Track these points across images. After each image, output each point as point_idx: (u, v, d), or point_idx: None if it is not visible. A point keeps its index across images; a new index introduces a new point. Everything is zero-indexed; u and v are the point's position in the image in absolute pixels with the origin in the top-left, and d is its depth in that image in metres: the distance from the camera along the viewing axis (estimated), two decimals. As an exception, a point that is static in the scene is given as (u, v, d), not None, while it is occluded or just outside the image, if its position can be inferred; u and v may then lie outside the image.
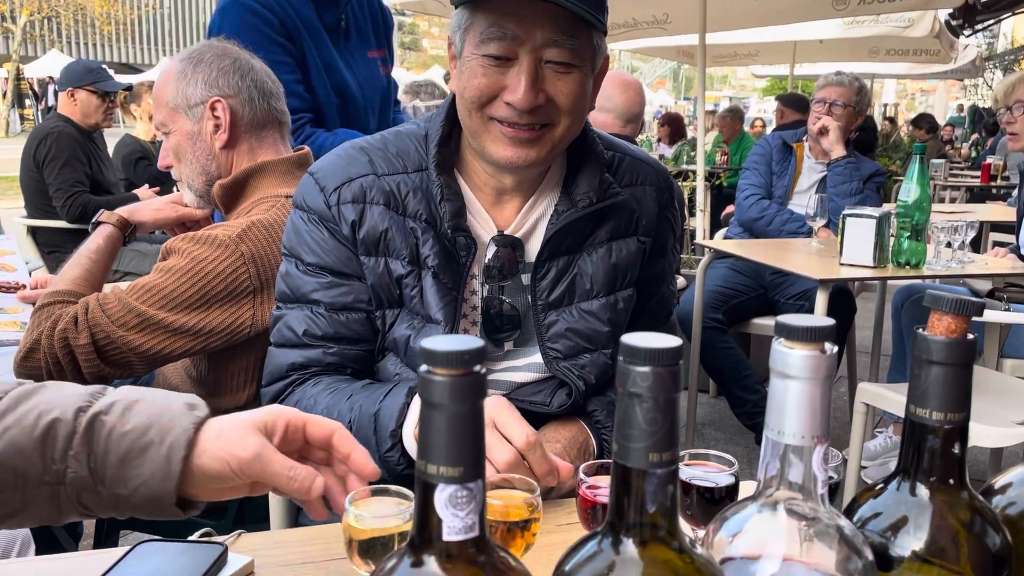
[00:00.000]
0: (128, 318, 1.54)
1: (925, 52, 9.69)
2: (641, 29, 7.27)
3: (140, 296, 1.56)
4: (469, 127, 1.28)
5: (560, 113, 1.24)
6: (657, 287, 1.49)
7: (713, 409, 4.36)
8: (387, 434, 1.19)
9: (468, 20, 1.23)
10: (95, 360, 1.53)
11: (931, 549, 0.62)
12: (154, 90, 1.80)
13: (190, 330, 1.56)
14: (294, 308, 1.34)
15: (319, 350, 1.33)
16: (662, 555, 0.53)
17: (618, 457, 0.53)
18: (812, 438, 0.58)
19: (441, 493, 0.50)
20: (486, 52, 1.20)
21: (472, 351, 0.49)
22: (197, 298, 1.56)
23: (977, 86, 26.46)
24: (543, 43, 1.19)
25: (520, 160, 1.24)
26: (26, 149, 4.38)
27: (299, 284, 1.33)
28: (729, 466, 0.89)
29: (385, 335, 1.34)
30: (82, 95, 4.34)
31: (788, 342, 0.57)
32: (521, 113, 1.21)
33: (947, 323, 0.61)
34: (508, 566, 0.53)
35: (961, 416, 0.62)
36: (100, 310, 1.54)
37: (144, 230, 1.87)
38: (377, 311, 1.33)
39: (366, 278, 1.32)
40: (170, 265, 1.58)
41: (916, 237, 2.83)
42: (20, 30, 31.68)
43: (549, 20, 1.18)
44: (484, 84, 1.22)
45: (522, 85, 1.19)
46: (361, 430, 1.21)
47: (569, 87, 1.23)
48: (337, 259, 1.32)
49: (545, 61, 1.21)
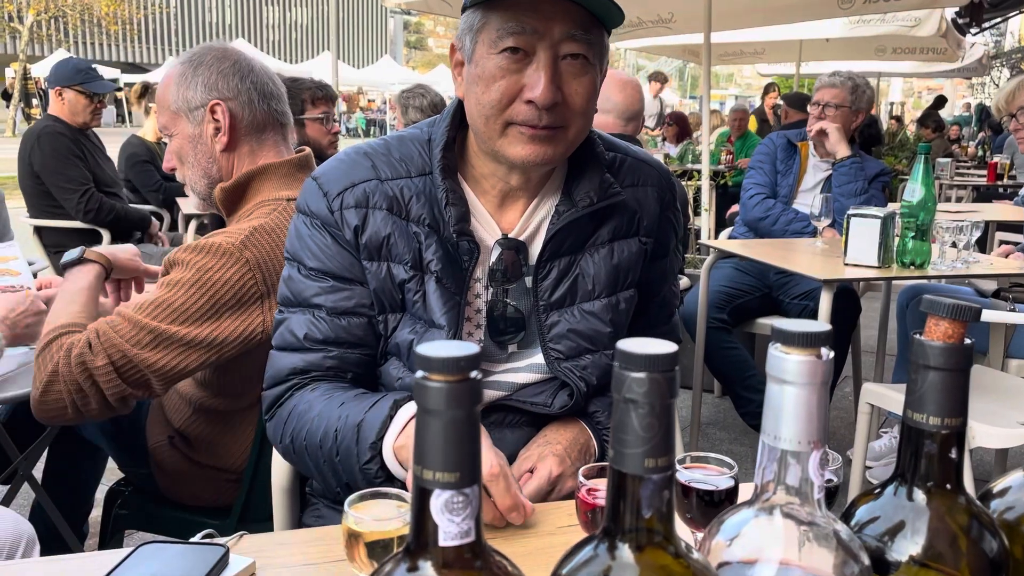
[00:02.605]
0: (141, 336, 1.53)
1: (932, 51, 9.67)
2: (646, 28, 7.27)
3: (150, 313, 1.54)
4: (484, 133, 1.27)
5: (574, 113, 1.24)
6: (659, 288, 1.49)
7: (717, 409, 4.35)
8: (367, 445, 1.18)
9: (481, 20, 1.23)
10: (116, 380, 1.52)
11: (928, 554, 0.62)
12: (157, 93, 1.81)
13: (203, 342, 1.55)
14: (296, 312, 1.34)
15: (320, 354, 1.32)
16: (658, 560, 0.53)
17: (614, 463, 0.53)
18: (809, 443, 0.58)
19: (437, 499, 0.50)
20: (504, 47, 1.20)
21: (467, 357, 0.49)
22: (207, 308, 1.55)
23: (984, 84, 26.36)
24: (561, 37, 1.19)
25: (538, 158, 1.24)
26: (21, 152, 4.38)
27: (301, 288, 1.34)
28: (729, 469, 0.89)
29: (387, 339, 1.34)
30: (70, 95, 4.32)
31: (784, 347, 0.57)
32: (541, 113, 1.21)
33: (944, 328, 0.61)
34: (505, 571, 0.53)
35: (958, 421, 0.62)
36: (112, 332, 1.53)
37: (119, 271, 1.84)
38: (379, 316, 1.33)
39: (368, 283, 1.32)
40: (175, 278, 1.57)
41: (921, 237, 2.82)
42: (27, 30, 31.77)
43: (567, 15, 1.19)
44: (504, 86, 1.21)
45: (542, 80, 1.19)
46: (345, 439, 1.21)
47: (584, 86, 1.23)
48: (339, 264, 1.32)
49: (562, 57, 1.21)
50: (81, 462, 2.38)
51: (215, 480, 1.88)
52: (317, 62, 28.06)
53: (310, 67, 25.61)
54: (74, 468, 2.38)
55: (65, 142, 4.32)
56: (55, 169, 4.32)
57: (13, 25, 34.12)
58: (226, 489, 1.87)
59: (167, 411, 1.92)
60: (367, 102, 39.81)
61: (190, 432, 1.87)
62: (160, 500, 1.96)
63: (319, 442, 1.24)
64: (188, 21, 47.41)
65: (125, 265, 1.84)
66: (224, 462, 1.85)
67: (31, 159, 4.33)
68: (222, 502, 1.87)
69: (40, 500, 2.16)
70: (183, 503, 1.93)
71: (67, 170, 4.32)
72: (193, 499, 1.92)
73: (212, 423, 1.83)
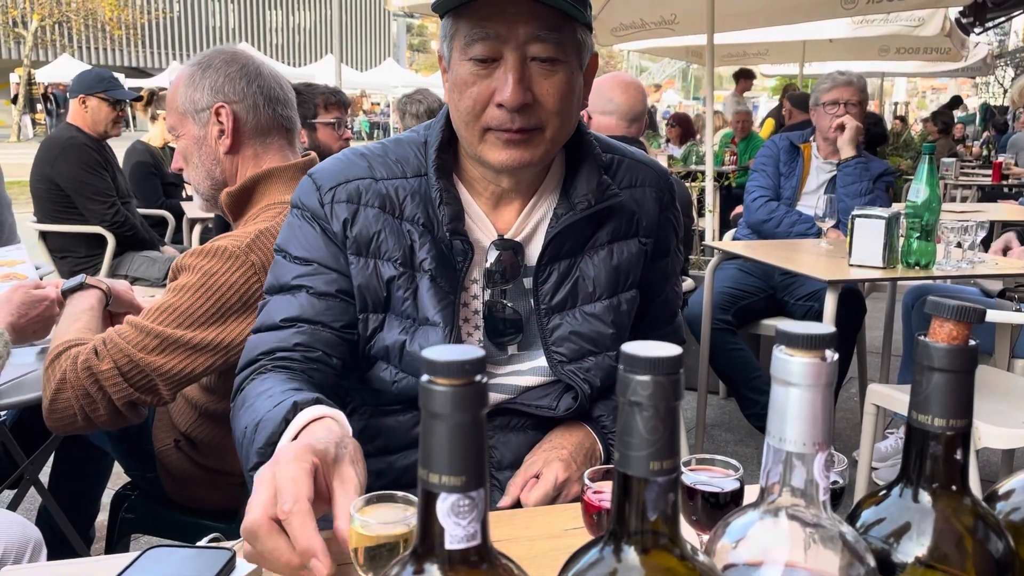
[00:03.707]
0: (147, 341, 1.54)
1: (936, 50, 9.65)
2: (649, 29, 7.27)
3: (156, 318, 1.56)
4: (465, 138, 1.28)
5: (548, 113, 1.24)
6: (661, 288, 1.49)
7: (723, 410, 4.35)
8: (254, 449, 1.08)
9: (453, 28, 1.24)
10: (123, 385, 1.52)
11: (934, 555, 0.62)
12: (167, 95, 1.83)
13: (209, 345, 1.56)
14: (277, 295, 1.33)
15: (291, 330, 1.28)
16: (664, 562, 0.54)
17: (619, 465, 0.54)
18: (814, 445, 0.58)
19: (443, 502, 0.50)
20: (472, 55, 1.21)
21: (473, 361, 0.50)
22: (213, 312, 1.56)
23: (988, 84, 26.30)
24: (526, 39, 1.20)
25: (515, 162, 1.25)
26: (40, 158, 4.40)
27: (284, 272, 1.33)
28: (735, 471, 0.89)
29: (371, 342, 1.33)
30: (93, 102, 4.38)
31: (789, 349, 0.57)
32: (512, 115, 1.21)
33: (948, 330, 0.61)
34: (511, 574, 0.53)
35: (963, 423, 0.62)
36: (119, 338, 1.54)
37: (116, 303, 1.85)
38: (360, 314, 1.32)
39: (353, 279, 1.31)
40: (182, 283, 1.58)
41: (926, 237, 2.82)
42: (31, 35, 31.91)
43: (531, 17, 1.19)
44: (475, 92, 1.22)
45: (509, 83, 1.19)
46: (247, 438, 1.13)
47: (555, 86, 1.23)
48: (324, 255, 1.31)
49: (531, 58, 1.21)
50: (87, 467, 2.39)
51: (221, 484, 1.89)
52: (321, 65, 28.12)
53: (313, 70, 25.65)
54: (80, 472, 2.39)
55: (91, 153, 4.38)
56: (84, 180, 4.35)
57: (17, 30, 34.26)
58: (232, 492, 1.88)
59: (173, 415, 1.93)
60: (370, 105, 39.89)
61: (196, 436, 1.88)
62: (166, 504, 1.97)
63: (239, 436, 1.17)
64: (191, 26, 47.53)
65: (122, 296, 1.86)
66: (230, 465, 1.86)
67: (54, 167, 4.35)
68: (228, 505, 1.88)
69: (46, 504, 2.17)
70: (189, 507, 1.94)
71: (95, 181, 4.37)
72: (199, 503, 1.93)
73: (218, 427, 1.84)
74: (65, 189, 4.37)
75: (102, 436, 2.06)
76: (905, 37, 8.53)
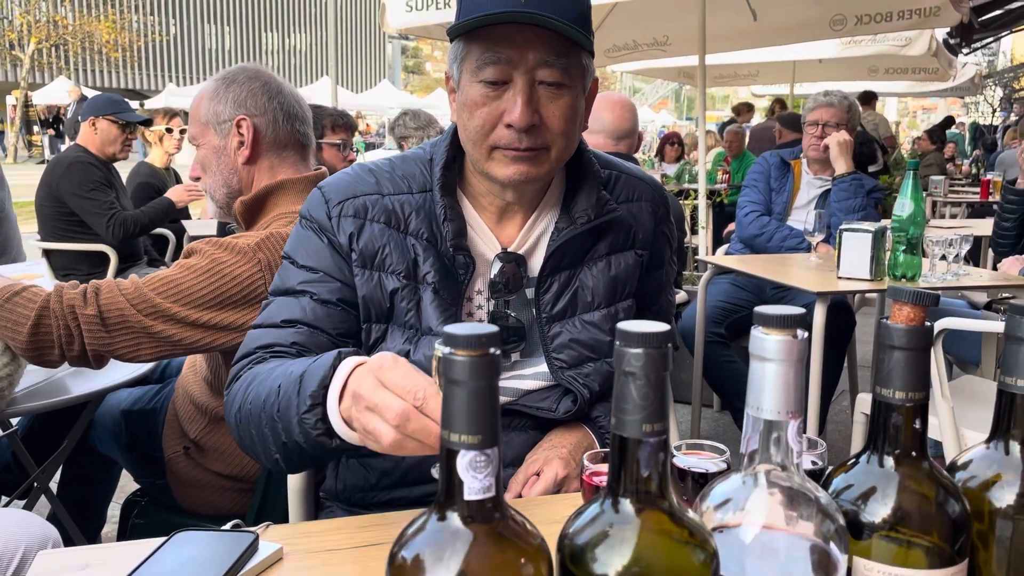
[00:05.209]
0: (142, 304, 1.61)
1: (924, 70, 9.82)
2: (641, 51, 7.39)
3: (156, 287, 1.63)
4: (473, 156, 1.35)
5: (554, 134, 1.30)
6: (656, 298, 1.56)
7: (717, 423, 4.41)
8: (307, 394, 1.09)
9: (464, 50, 1.31)
10: (101, 333, 1.58)
11: (897, 516, 0.70)
12: (191, 107, 1.92)
13: (197, 323, 1.63)
14: (281, 297, 1.38)
15: (290, 330, 1.33)
16: (656, 514, 0.61)
17: (615, 429, 0.61)
18: (787, 413, 0.65)
19: (463, 458, 0.58)
20: (483, 78, 1.28)
21: (489, 335, 0.57)
22: (211, 298, 1.64)
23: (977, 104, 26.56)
24: (535, 64, 1.27)
25: (521, 177, 1.31)
26: (46, 177, 4.45)
27: (289, 276, 1.38)
28: (721, 454, 0.96)
29: (372, 351, 1.36)
30: (103, 124, 4.44)
31: (765, 329, 0.65)
32: (520, 135, 1.28)
33: (907, 312, 0.69)
34: (520, 524, 0.61)
35: (921, 395, 0.69)
36: (116, 290, 1.61)
37: None
38: (364, 323, 1.37)
39: (358, 290, 1.36)
40: (191, 263, 1.66)
41: (911, 251, 2.90)
42: (28, 58, 32.08)
43: (540, 43, 1.26)
44: (485, 113, 1.29)
45: (518, 105, 1.26)
46: (287, 392, 1.14)
47: (561, 109, 1.30)
48: (329, 265, 1.37)
49: (539, 82, 1.28)
50: (95, 476, 2.44)
51: (230, 489, 1.94)
52: (316, 87, 28.26)
53: (309, 92, 25.76)
54: (88, 482, 2.44)
55: (96, 172, 4.43)
56: (86, 195, 4.39)
57: (14, 53, 34.44)
58: (241, 498, 1.93)
59: (183, 422, 1.98)
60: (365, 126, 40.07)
61: (205, 442, 1.93)
62: (176, 510, 2.01)
63: (263, 401, 1.19)
64: (188, 48, 47.80)
65: None
66: (239, 471, 1.92)
67: (59, 185, 4.40)
68: (237, 511, 1.92)
69: (56, 512, 2.20)
70: (198, 512, 1.98)
71: (98, 196, 4.41)
72: (208, 508, 1.97)
73: (227, 433, 1.89)
74: (69, 205, 4.43)
75: (112, 444, 2.11)
76: (893, 57, 8.68)
